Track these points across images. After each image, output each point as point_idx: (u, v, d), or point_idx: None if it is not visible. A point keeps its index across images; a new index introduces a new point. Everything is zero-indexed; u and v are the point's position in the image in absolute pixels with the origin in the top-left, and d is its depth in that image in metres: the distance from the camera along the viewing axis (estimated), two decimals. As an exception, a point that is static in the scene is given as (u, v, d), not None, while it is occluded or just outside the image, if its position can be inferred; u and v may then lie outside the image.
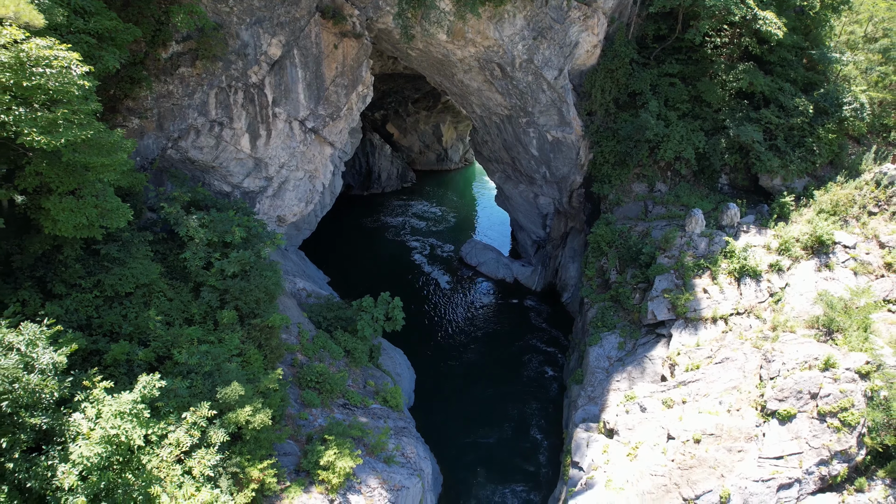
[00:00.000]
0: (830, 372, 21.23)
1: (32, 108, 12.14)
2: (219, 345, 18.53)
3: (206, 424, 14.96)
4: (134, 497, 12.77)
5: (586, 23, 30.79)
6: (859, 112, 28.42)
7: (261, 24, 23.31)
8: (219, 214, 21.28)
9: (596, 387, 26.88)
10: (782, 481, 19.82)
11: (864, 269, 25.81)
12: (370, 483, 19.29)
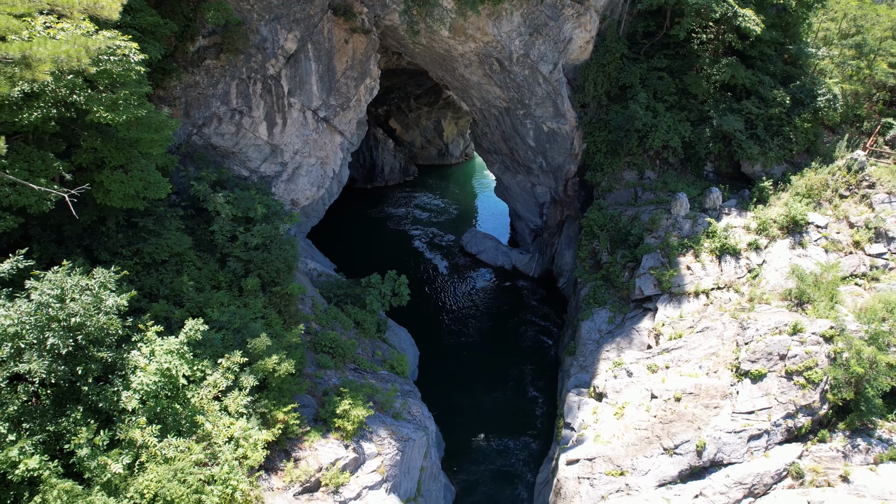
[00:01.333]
0: (798, 336, 23.35)
1: (98, 90, 14.27)
2: (244, 308, 20.66)
3: (237, 370, 17.06)
4: (181, 423, 14.90)
5: (579, 20, 32.86)
6: (832, 102, 30.52)
7: (278, 21, 25.44)
8: (242, 193, 23.43)
9: (587, 357, 29.00)
10: (752, 433, 21.93)
11: (835, 246, 27.92)
12: (380, 433, 21.40)
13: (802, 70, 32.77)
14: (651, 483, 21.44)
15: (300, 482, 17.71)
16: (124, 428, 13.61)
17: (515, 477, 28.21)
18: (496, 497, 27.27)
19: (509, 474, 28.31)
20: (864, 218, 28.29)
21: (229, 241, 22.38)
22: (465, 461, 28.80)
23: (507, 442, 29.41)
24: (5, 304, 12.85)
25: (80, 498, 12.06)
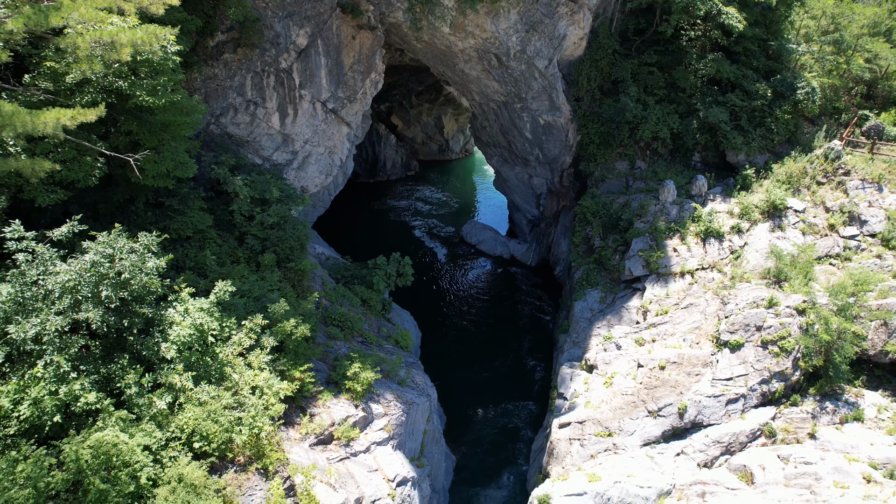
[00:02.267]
0: (773, 309, 25.20)
1: (140, 76, 16.11)
2: (262, 281, 22.50)
3: (259, 332, 18.90)
4: (212, 373, 16.74)
5: (573, 17, 34.71)
6: (811, 95, 32.37)
7: (291, 18, 27.29)
8: (258, 176, 25.28)
9: (580, 333, 30.84)
10: (730, 397, 23.77)
11: (811, 229, 29.77)
12: (387, 396, 23.24)
13: (784, 65, 34.62)
14: (636, 442, 23.28)
15: (315, 434, 19.54)
16: (164, 374, 15.46)
17: (513, 446, 30.05)
18: (495, 464, 29.12)
19: (507, 443, 30.16)
20: (839, 203, 30.13)
21: (247, 221, 24.23)
22: (465, 433, 30.65)
23: (506, 409, 31.40)
24: (64, 262, 14.71)
25: (133, 425, 13.90)
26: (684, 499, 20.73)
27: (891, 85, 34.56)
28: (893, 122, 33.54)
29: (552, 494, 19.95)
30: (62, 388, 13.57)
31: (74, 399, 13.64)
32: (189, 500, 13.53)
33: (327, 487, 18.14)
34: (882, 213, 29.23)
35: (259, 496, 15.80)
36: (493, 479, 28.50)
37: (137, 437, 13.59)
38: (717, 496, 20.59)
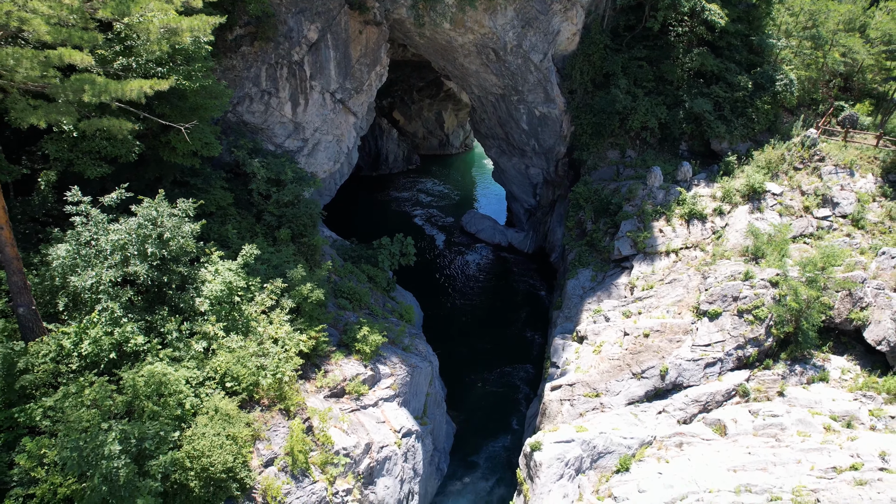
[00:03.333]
0: (749, 281, 27.33)
1: (177, 62, 18.23)
2: (279, 252, 24.63)
3: (279, 294, 21.05)
4: (239, 326, 18.87)
5: (566, 14, 36.82)
6: (789, 87, 34.48)
7: (303, 14, 29.41)
8: (273, 159, 27.41)
9: (572, 308, 32.95)
10: (708, 361, 25.88)
11: (788, 211, 31.89)
12: (393, 359, 25.38)
13: (765, 59, 36.73)
14: (622, 402, 25.39)
15: (329, 388, 21.67)
16: (199, 324, 17.60)
17: (510, 413, 32.18)
18: (493, 429, 31.25)
19: (504, 411, 32.29)
20: (813, 187, 32.24)
21: (264, 199, 26.36)
22: (465, 403, 32.76)
23: (504, 382, 33.52)
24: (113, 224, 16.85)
25: (177, 363, 16.03)
26: (663, 448, 22.85)
27: (865, 78, 36.67)
28: (867, 112, 35.65)
29: (543, 441, 22.09)
30: (116, 330, 15.70)
31: (126, 340, 15.77)
32: (224, 426, 15.66)
33: (340, 432, 20.27)
34: (853, 195, 31.35)
35: (282, 432, 17.93)
36: (490, 441, 30.65)
37: (181, 372, 15.72)
38: (693, 445, 22.72)
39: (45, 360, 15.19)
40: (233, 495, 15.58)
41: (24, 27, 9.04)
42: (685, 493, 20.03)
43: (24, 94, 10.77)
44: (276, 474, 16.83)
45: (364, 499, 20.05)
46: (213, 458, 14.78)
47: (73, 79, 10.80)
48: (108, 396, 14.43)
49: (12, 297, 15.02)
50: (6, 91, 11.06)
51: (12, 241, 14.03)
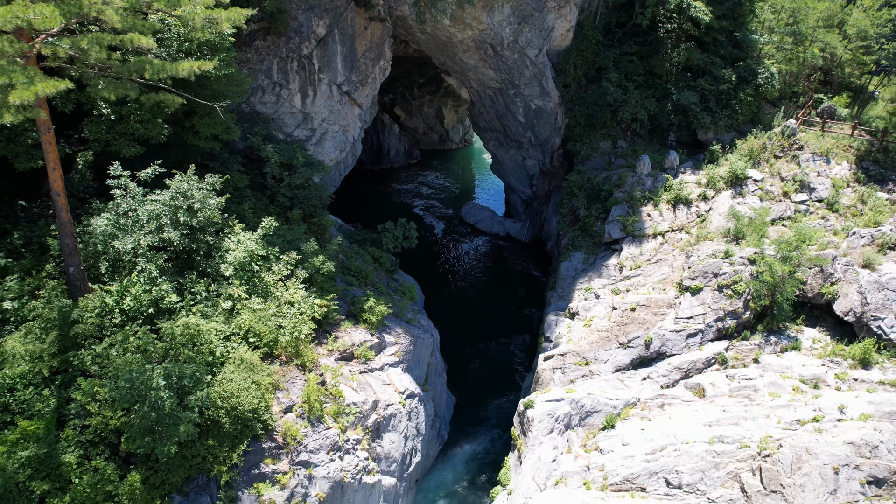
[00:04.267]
0: (728, 259, 29.32)
1: (203, 52, 20.21)
2: (292, 230, 26.61)
3: (294, 265, 23.03)
4: (259, 290, 20.86)
5: (560, 11, 38.83)
6: (770, 80, 36.48)
7: (312, 10, 31.40)
8: (286, 145, 29.40)
9: (565, 288, 34.94)
10: (690, 332, 27.86)
11: (768, 196, 33.87)
12: (397, 330, 27.39)
13: (748, 53, 38.72)
14: (609, 369, 27.38)
15: (339, 351, 23.66)
16: (224, 287, 19.59)
17: (506, 387, 34.18)
18: (490, 400, 33.27)
19: (501, 385, 34.31)
20: (792, 173, 34.23)
21: (277, 182, 28.35)
22: (464, 379, 34.78)
23: (500, 359, 35.52)
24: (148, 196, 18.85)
25: (207, 318, 18.03)
26: (646, 409, 24.84)
27: (844, 72, 38.65)
28: (845, 104, 37.64)
29: (535, 401, 24.08)
30: (154, 289, 17.70)
31: (162, 297, 17.77)
32: (249, 373, 17.66)
33: (350, 389, 22.28)
34: (828, 181, 33.34)
35: (299, 384, 19.93)
36: (488, 412, 32.67)
37: (212, 324, 17.72)
38: (674, 406, 24.70)
39: (92, 314, 17.19)
40: (257, 434, 17.58)
41: (101, 16, 10.99)
42: (664, 445, 22.02)
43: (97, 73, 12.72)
44: (295, 419, 18.83)
45: (372, 450, 22.04)
46: (240, 399, 16.78)
47: (134, 60, 12.74)
48: (151, 343, 16.43)
49: (64, 258, 17.01)
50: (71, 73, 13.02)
51: (67, 207, 16.02)
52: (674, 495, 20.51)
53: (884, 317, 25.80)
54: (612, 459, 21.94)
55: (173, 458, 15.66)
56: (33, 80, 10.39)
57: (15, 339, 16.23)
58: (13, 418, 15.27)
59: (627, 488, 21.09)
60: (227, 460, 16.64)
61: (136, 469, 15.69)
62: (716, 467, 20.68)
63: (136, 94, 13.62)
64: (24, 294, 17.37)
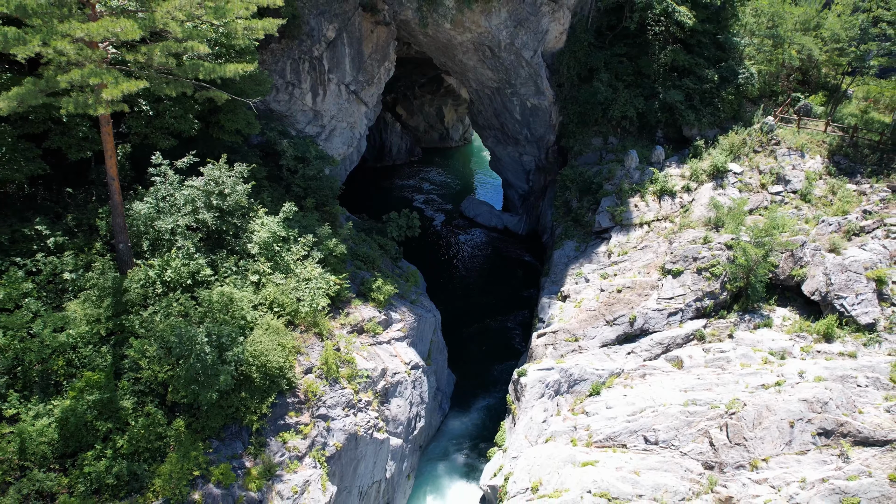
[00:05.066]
0: (707, 244, 31.84)
1: (231, 55, 22.70)
2: (306, 217, 29.10)
3: (310, 247, 25.52)
4: (281, 268, 23.36)
5: (554, 15, 41.33)
6: (750, 80, 38.99)
7: (323, 15, 33.89)
8: (299, 140, 31.90)
9: (557, 274, 37.45)
10: (671, 311, 30.36)
11: (747, 188, 36.38)
12: (402, 309, 29.89)
13: (731, 55, 41.23)
14: (597, 345, 29.89)
15: (350, 325, 26.15)
16: (251, 263, 22.09)
17: (503, 368, 36.68)
18: (488, 380, 35.81)
19: (497, 365, 36.82)
20: (769, 167, 36.75)
21: (291, 174, 30.84)
22: (464, 361, 37.28)
23: (497, 341, 37.99)
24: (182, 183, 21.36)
25: (239, 288, 20.53)
26: (629, 378, 27.34)
27: (820, 72, 41.15)
28: (820, 102, 40.16)
29: (528, 370, 26.59)
30: (191, 262, 20.21)
31: (198, 270, 20.28)
32: (275, 337, 20.17)
33: (361, 358, 24.78)
34: (802, 174, 35.85)
35: (317, 349, 22.44)
36: (486, 390, 35.21)
37: (243, 293, 20.23)
38: (654, 375, 27.21)
39: (137, 285, 19.69)
40: (283, 389, 20.09)
41: (167, 28, 13.44)
42: (643, 408, 24.54)
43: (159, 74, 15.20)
44: (315, 379, 21.33)
45: (381, 413, 24.54)
46: (269, 358, 19.29)
47: (188, 63, 15.21)
48: (192, 308, 18.93)
49: (115, 236, 19.50)
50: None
51: (119, 190, 18.50)
52: (651, 450, 23.02)
53: (846, 296, 28.28)
54: (597, 420, 24.46)
55: (212, 406, 18.18)
56: (118, 80, 12.85)
57: (75, 304, 18.74)
58: (76, 372, 17.79)
59: (610, 445, 23.61)
60: (258, 411, 19.15)
61: (181, 416, 18.19)
62: (688, 425, 23.19)
63: (192, 91, 16.07)
64: (79, 267, 19.87)
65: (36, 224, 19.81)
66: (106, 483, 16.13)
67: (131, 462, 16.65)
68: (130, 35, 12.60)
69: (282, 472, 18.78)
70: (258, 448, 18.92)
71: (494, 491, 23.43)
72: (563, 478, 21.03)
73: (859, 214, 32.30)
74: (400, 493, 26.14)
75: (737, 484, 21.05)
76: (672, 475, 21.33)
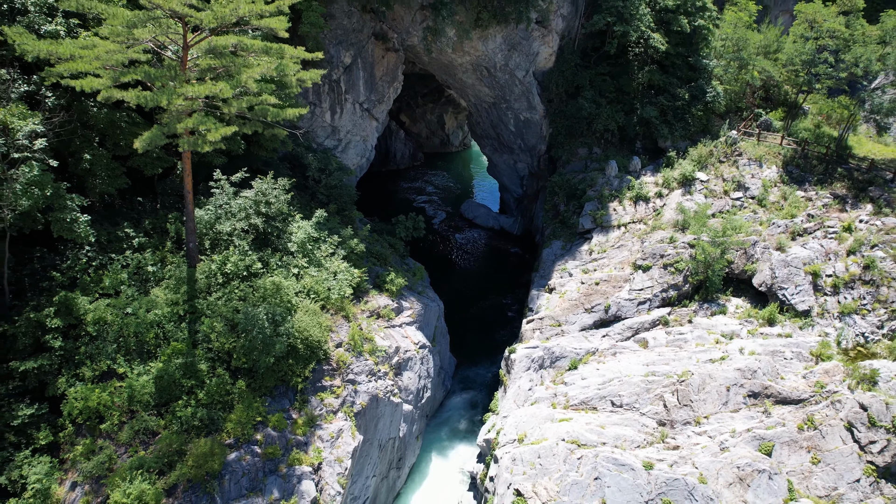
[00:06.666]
0: (673, 244, 37.00)
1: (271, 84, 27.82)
2: (329, 221, 34.25)
3: (336, 246, 30.65)
4: (314, 262, 28.50)
5: (544, 39, 46.47)
6: (717, 98, 44.14)
7: (341, 44, 39.02)
8: (322, 154, 37.04)
9: (545, 270, 42.61)
10: (640, 300, 35.51)
11: (712, 194, 41.54)
12: (411, 298, 35.04)
13: (701, 75, 46.38)
14: (576, 329, 35.04)
15: (369, 311, 31.31)
16: (291, 259, 27.24)
17: (498, 351, 41.81)
18: (484, 363, 40.95)
19: (494, 352, 41.97)
20: (732, 175, 41.90)
21: (316, 183, 35.99)
22: (463, 347, 42.41)
23: (492, 328, 43.09)
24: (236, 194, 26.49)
25: (284, 278, 25.69)
26: (603, 356, 32.50)
27: (781, 90, 46.28)
28: (780, 118, 45.29)
29: (517, 348, 31.75)
30: (246, 258, 25.37)
31: (252, 264, 25.42)
32: (314, 317, 25.32)
33: (379, 337, 29.93)
34: (760, 182, 41.01)
35: (345, 329, 27.60)
36: (482, 371, 40.38)
37: (288, 282, 25.40)
38: (624, 354, 32.37)
39: (203, 276, 24.84)
40: (320, 359, 25.25)
41: (248, 84, 18.50)
42: (612, 378, 29.70)
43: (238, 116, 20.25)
44: (344, 352, 26.49)
45: (395, 382, 29.70)
46: (310, 332, 24.45)
47: (258, 108, 20.27)
48: (250, 293, 24.11)
49: (187, 237, 24.63)
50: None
51: (192, 200, 23.62)
52: (616, 411, 28.19)
53: (787, 287, 33.45)
54: (573, 389, 29.63)
55: (267, 370, 23.32)
56: (217, 126, 17.92)
57: (158, 290, 23.88)
58: (162, 343, 22.94)
59: (583, 407, 28.77)
60: (301, 374, 24.30)
61: (242, 378, 23.35)
62: (647, 391, 28.36)
63: (262, 130, 21.16)
64: (157, 262, 25.02)
65: (125, 227, 24.97)
66: (192, 424, 21.28)
67: (209, 410, 21.80)
68: (225, 94, 17.65)
69: (321, 423, 23.95)
70: (302, 404, 24.08)
71: (488, 444, 28.59)
72: (543, 431, 26.22)
73: (804, 218, 37.47)
74: (410, 451, 31.31)
75: (683, 436, 26.23)
76: (631, 429, 26.51)
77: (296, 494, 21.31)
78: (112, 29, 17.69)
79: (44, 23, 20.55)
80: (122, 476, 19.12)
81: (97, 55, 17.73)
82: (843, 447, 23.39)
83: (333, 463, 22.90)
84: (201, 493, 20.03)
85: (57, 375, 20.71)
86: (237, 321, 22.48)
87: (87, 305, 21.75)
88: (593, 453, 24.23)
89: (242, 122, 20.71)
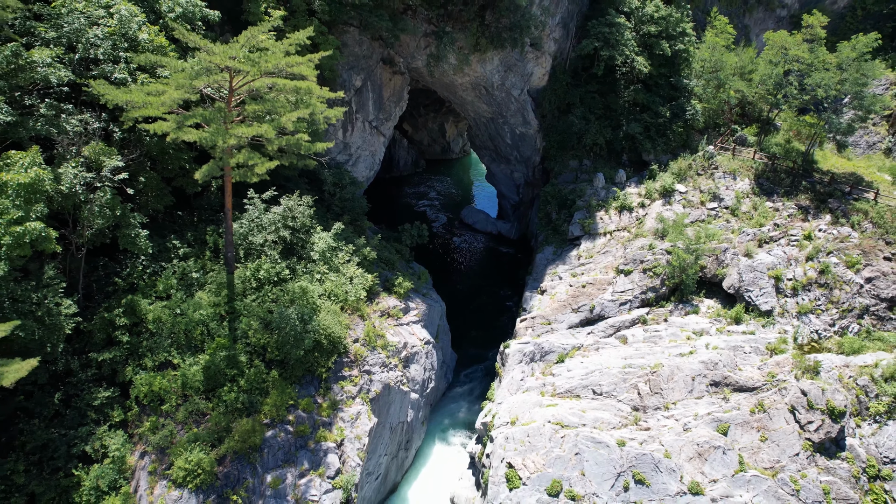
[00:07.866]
0: (651, 250, 41.06)
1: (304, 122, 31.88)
2: (344, 230, 38.34)
3: (351, 254, 34.72)
4: (333, 268, 32.56)
5: (538, 60, 50.54)
6: (695, 116, 48.23)
7: (353, 69, 43.08)
8: (336, 170, 41.13)
9: (538, 273, 46.69)
10: (622, 301, 39.59)
11: (689, 204, 45.59)
12: (417, 300, 39.14)
13: (682, 94, 50.45)
14: (564, 327, 39.11)
15: (381, 311, 35.40)
16: (314, 266, 31.33)
17: (495, 348, 45.87)
18: (483, 359, 45.04)
19: (492, 348, 46.05)
20: (708, 187, 45.95)
21: (331, 196, 40.08)
22: (463, 344, 46.50)
23: (491, 325, 47.20)
24: (267, 210, 30.59)
25: (309, 283, 29.77)
26: (587, 351, 36.58)
27: (756, 108, 50.36)
28: (754, 133, 49.36)
29: (511, 343, 35.85)
30: (276, 266, 29.45)
31: (281, 271, 29.52)
32: (335, 316, 29.42)
33: (389, 334, 34.03)
34: (733, 193, 45.06)
35: (360, 327, 31.69)
36: (481, 364, 44.48)
37: (312, 286, 29.48)
38: (605, 349, 36.45)
39: (239, 281, 28.91)
40: (340, 352, 29.35)
41: (286, 125, 22.60)
42: (594, 370, 33.78)
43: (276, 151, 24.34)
44: (360, 346, 30.59)
45: (404, 374, 33.78)
46: (333, 330, 28.53)
47: (292, 142, 24.35)
48: (282, 295, 28.20)
49: (226, 247, 28.71)
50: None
51: (230, 215, 27.69)
52: (596, 399, 32.26)
53: (752, 289, 37.52)
54: (560, 379, 33.71)
55: (297, 361, 27.40)
56: (263, 161, 21.91)
57: (202, 294, 27.96)
58: (207, 339, 27.02)
59: (568, 395, 32.85)
60: (325, 366, 28.39)
61: (275, 369, 27.43)
62: (624, 381, 32.43)
63: (296, 161, 25.23)
64: (199, 269, 29.09)
65: (171, 239, 29.06)
66: (236, 407, 25.38)
67: (249, 395, 25.90)
68: (269, 134, 21.70)
69: (342, 406, 28.06)
70: (325, 390, 28.18)
71: (485, 426, 32.68)
72: (533, 414, 30.31)
73: (771, 227, 41.54)
74: (416, 435, 35.41)
75: (653, 419, 30.32)
76: (608, 413, 30.60)
77: (323, 465, 25.41)
78: (177, 81, 21.76)
79: (114, 71, 24.63)
80: (183, 447, 23.22)
81: (163, 101, 21.82)
82: (786, 427, 27.48)
83: (353, 440, 27.01)
84: (245, 462, 24.12)
85: (125, 365, 24.80)
86: (271, 320, 26.57)
87: (147, 307, 25.85)
88: (575, 433, 28.31)
89: (280, 154, 24.81)
